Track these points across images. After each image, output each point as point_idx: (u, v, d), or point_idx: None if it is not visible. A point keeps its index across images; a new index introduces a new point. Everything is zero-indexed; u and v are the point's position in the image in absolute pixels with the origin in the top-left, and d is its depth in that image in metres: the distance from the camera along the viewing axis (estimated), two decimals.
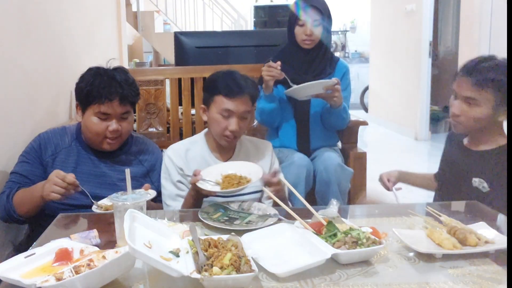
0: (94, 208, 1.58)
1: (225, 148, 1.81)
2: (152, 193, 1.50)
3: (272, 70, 2.17)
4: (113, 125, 1.73)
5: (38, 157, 1.77)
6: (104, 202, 1.60)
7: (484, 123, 1.65)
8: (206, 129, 1.88)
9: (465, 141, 1.79)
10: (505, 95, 1.60)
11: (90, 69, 1.78)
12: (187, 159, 1.77)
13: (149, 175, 1.86)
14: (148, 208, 1.31)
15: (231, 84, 1.71)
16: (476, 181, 1.65)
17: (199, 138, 1.85)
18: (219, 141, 1.78)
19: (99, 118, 1.72)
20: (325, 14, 2.30)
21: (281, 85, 2.32)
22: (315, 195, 2.22)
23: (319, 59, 2.36)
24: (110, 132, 1.73)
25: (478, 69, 1.63)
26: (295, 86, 2.18)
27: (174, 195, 1.74)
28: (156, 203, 1.80)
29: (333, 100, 2.20)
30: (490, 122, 1.65)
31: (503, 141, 1.69)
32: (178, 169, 1.75)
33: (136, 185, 1.33)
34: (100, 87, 1.70)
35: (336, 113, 2.28)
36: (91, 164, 1.79)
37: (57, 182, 1.51)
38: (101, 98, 1.70)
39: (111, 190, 1.68)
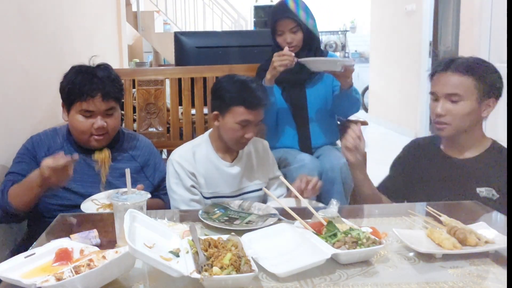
0: (86, 206, 1.57)
1: (230, 149, 1.83)
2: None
3: (285, 58, 2.11)
4: (98, 122, 1.72)
5: (33, 157, 1.77)
6: (96, 197, 1.61)
7: (471, 120, 1.60)
8: (209, 130, 1.89)
9: (443, 148, 1.72)
10: (488, 85, 1.58)
11: (72, 68, 1.78)
12: (195, 162, 1.78)
13: (143, 170, 1.87)
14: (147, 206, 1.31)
15: (251, 97, 1.72)
16: (483, 191, 1.60)
17: (203, 140, 1.85)
18: (233, 146, 1.81)
19: (83, 116, 1.72)
20: (304, 18, 2.28)
21: (276, 86, 2.31)
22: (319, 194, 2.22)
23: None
24: (96, 130, 1.73)
25: (455, 62, 1.61)
26: (312, 58, 2.16)
27: (188, 200, 1.74)
28: (153, 199, 1.80)
29: (346, 81, 2.18)
30: (475, 119, 1.61)
31: (487, 143, 1.66)
32: (189, 174, 1.76)
33: (131, 181, 1.33)
34: (81, 84, 1.69)
35: (348, 94, 2.26)
36: (83, 164, 1.77)
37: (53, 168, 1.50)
38: (83, 96, 1.69)
39: (104, 189, 1.68)
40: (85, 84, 1.70)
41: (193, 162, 1.78)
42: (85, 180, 1.73)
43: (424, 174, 1.72)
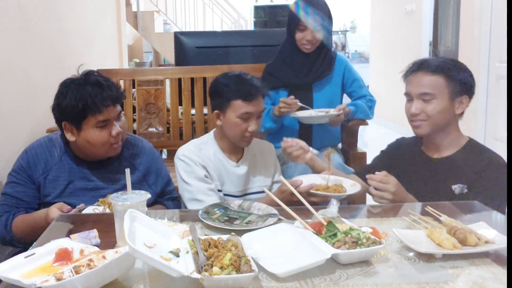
0: (89, 209, 1.57)
1: (235, 149, 1.84)
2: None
3: (290, 107, 2.20)
4: (115, 129, 1.66)
5: (29, 176, 1.70)
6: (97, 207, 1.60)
7: (445, 117, 1.64)
8: (213, 130, 1.89)
9: (423, 148, 1.76)
10: (458, 83, 1.62)
11: (65, 84, 1.66)
12: (204, 159, 1.78)
13: (146, 179, 1.80)
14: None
15: (248, 88, 1.72)
16: (457, 188, 1.63)
17: (209, 139, 1.86)
18: (238, 143, 1.80)
19: (100, 128, 1.64)
20: (325, 18, 2.29)
21: (282, 89, 2.32)
22: None
23: (320, 62, 2.36)
24: (114, 137, 1.66)
25: (426, 63, 1.66)
26: (301, 116, 2.24)
27: (206, 189, 1.73)
28: (156, 205, 1.79)
29: (336, 124, 2.30)
30: (449, 117, 1.65)
31: (463, 141, 1.70)
32: (200, 166, 1.75)
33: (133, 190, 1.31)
34: (92, 97, 1.60)
35: (351, 115, 2.35)
36: (83, 178, 1.72)
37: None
38: (98, 108, 1.61)
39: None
40: (96, 95, 1.61)
41: (202, 157, 1.78)
42: (86, 195, 1.69)
43: (403, 172, 1.75)
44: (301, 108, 2.27)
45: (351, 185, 1.69)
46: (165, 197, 1.87)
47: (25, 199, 1.69)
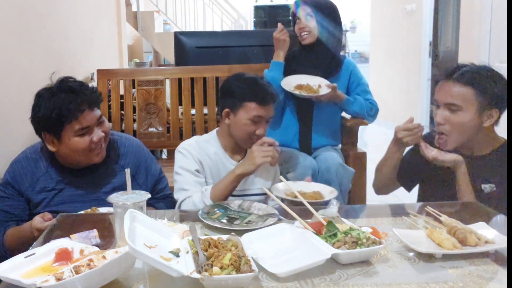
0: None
1: (238, 149, 1.84)
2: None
3: (284, 33, 2.28)
4: (96, 134, 1.62)
5: (17, 190, 1.69)
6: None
7: (470, 129, 1.60)
8: (216, 129, 1.90)
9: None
10: (489, 96, 1.56)
11: (39, 95, 1.64)
12: (203, 155, 1.79)
13: (135, 178, 1.76)
14: None
15: (263, 92, 1.76)
16: (487, 187, 1.61)
17: (211, 137, 1.87)
18: (243, 144, 1.81)
19: (80, 136, 1.61)
20: (319, 9, 2.31)
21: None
22: None
23: (320, 58, 2.36)
24: (96, 143, 1.63)
25: (459, 71, 1.60)
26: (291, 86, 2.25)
27: (193, 182, 1.74)
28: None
29: (335, 98, 2.27)
30: (476, 129, 1.61)
31: (498, 143, 1.67)
32: (196, 160, 1.77)
33: (123, 192, 1.29)
34: (66, 104, 1.57)
35: (345, 105, 2.35)
36: (71, 186, 1.70)
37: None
38: (73, 115, 1.58)
39: (97, 206, 1.64)
40: (69, 102, 1.57)
41: (201, 152, 1.79)
42: (75, 201, 1.68)
43: (436, 167, 1.71)
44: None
45: (330, 192, 1.68)
46: (156, 196, 1.83)
47: (14, 212, 1.69)
